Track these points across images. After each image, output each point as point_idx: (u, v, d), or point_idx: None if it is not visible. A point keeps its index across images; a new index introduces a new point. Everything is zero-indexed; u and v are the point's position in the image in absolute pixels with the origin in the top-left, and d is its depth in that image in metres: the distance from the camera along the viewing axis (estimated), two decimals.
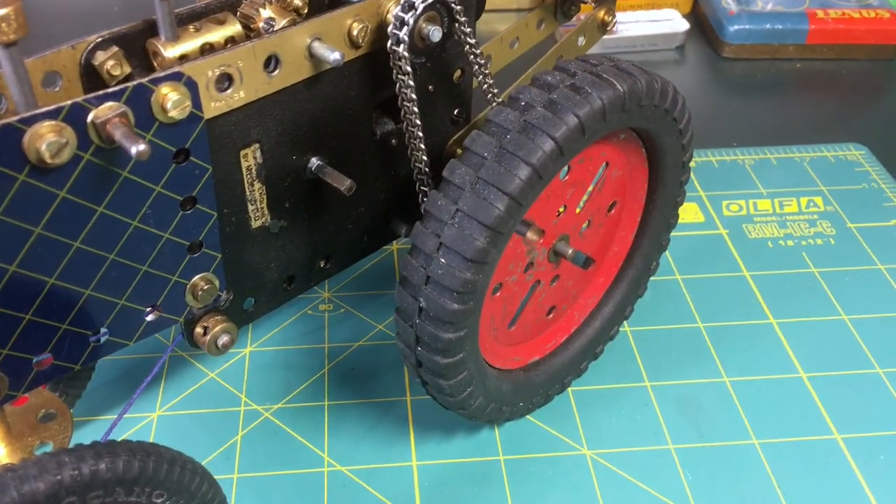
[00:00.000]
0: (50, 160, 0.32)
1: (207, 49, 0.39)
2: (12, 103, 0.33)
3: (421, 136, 0.45)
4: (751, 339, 0.59)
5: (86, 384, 0.52)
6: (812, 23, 0.90)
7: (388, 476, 0.50)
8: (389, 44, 0.42)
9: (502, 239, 0.41)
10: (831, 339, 0.59)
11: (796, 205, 0.70)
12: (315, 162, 0.44)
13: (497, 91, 0.47)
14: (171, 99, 0.35)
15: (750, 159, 0.75)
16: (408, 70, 0.42)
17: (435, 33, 0.42)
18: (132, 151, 0.33)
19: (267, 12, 0.41)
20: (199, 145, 0.38)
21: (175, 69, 0.36)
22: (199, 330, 0.43)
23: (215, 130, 0.39)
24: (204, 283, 0.41)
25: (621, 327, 0.56)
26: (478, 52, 0.45)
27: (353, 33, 0.42)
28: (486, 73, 0.46)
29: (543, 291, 0.50)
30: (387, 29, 0.42)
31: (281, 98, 0.41)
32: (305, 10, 0.42)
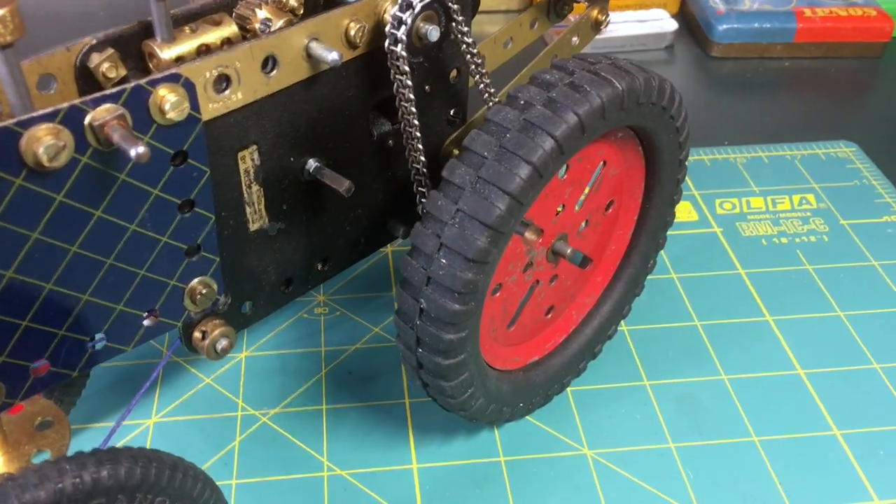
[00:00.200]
0: (48, 163, 0.32)
1: (204, 50, 0.39)
2: (7, 106, 0.33)
3: (419, 137, 0.45)
4: (748, 336, 0.59)
5: (80, 391, 0.51)
6: (800, 21, 0.90)
7: (388, 479, 0.49)
8: (387, 43, 0.42)
9: (503, 239, 0.41)
10: (827, 335, 0.59)
11: (789, 202, 0.70)
12: (313, 163, 0.44)
13: (493, 91, 0.47)
14: (170, 100, 0.35)
15: (742, 157, 0.76)
16: (406, 70, 0.42)
17: (433, 33, 0.42)
18: (132, 154, 0.32)
19: (263, 13, 0.40)
20: (197, 147, 0.37)
21: (173, 70, 0.35)
22: (197, 334, 0.42)
23: (213, 132, 0.38)
24: (202, 287, 0.41)
25: (619, 326, 0.56)
26: (475, 51, 0.45)
27: (351, 33, 0.41)
28: (483, 73, 0.46)
29: (542, 291, 0.50)
30: (384, 29, 0.42)
31: (278, 99, 0.40)
32: (301, 11, 0.42)
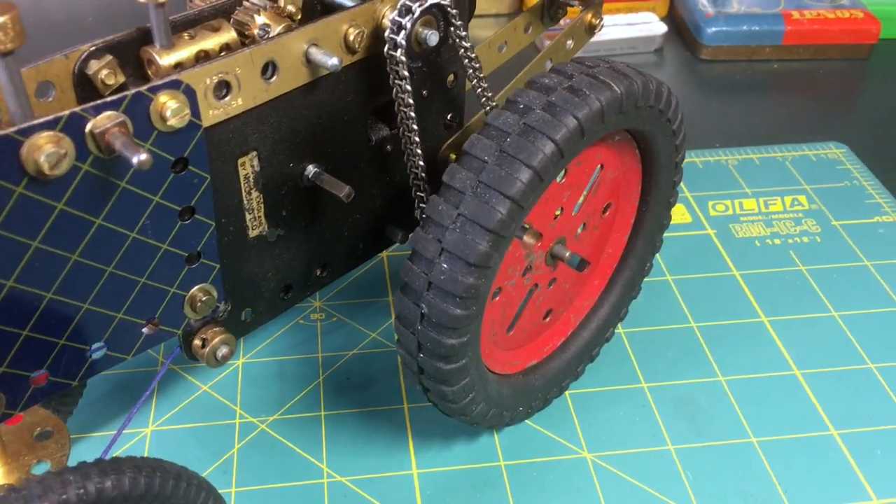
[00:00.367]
0: (49, 172, 0.32)
1: (202, 56, 0.38)
2: (7, 114, 0.33)
3: (417, 142, 0.45)
4: (743, 337, 0.59)
5: (77, 400, 0.51)
6: (788, 24, 0.91)
7: (389, 485, 0.49)
8: (386, 48, 0.42)
9: (504, 243, 0.41)
10: (823, 335, 0.59)
11: (781, 204, 0.71)
12: (312, 169, 0.43)
13: (491, 95, 0.47)
14: (171, 107, 0.34)
15: (733, 159, 0.76)
16: (405, 75, 0.42)
17: (432, 37, 0.42)
18: (134, 161, 0.32)
19: (262, 19, 0.40)
20: (198, 154, 0.37)
21: (173, 77, 0.35)
22: (197, 342, 0.42)
23: (213, 139, 0.38)
24: (202, 295, 0.41)
25: (616, 329, 0.56)
26: (473, 55, 0.45)
27: (350, 38, 0.41)
28: (481, 77, 0.46)
29: (541, 295, 0.50)
30: (383, 34, 0.42)
31: (278, 105, 0.40)
32: (299, 17, 0.42)
